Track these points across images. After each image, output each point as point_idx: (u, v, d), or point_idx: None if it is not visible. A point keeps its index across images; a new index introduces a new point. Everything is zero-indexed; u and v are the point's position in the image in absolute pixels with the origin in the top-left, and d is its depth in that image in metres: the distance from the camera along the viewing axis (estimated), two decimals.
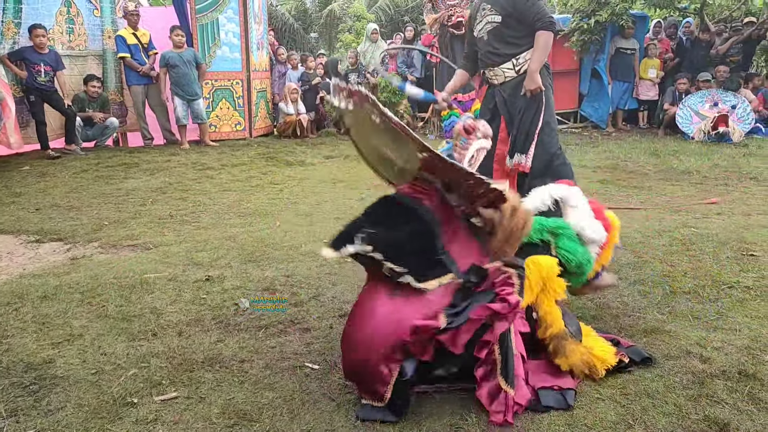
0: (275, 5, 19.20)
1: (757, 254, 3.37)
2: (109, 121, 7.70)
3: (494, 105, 3.84)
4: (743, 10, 10.51)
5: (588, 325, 2.37)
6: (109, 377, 2.17)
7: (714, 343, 2.34)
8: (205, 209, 4.77)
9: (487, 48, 3.75)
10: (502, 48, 3.66)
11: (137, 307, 2.79)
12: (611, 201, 4.85)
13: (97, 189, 5.51)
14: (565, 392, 1.94)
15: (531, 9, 3.52)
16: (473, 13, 3.94)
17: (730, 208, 4.54)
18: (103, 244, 3.88)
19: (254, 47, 8.80)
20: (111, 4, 8.01)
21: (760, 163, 6.28)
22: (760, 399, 1.94)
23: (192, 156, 7.19)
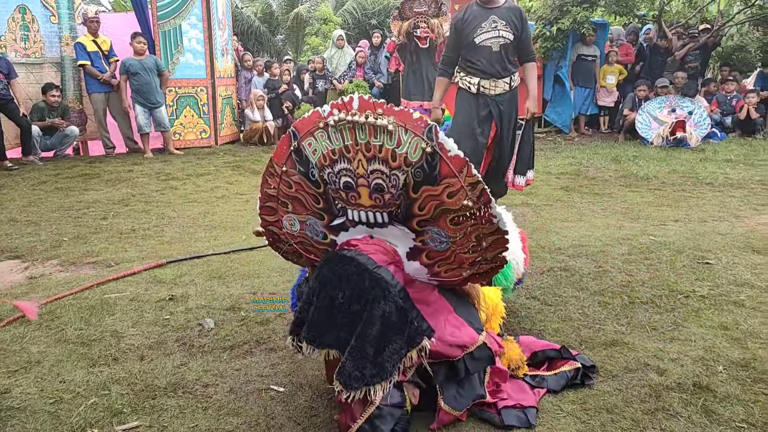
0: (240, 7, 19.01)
1: (712, 262, 3.48)
2: (69, 129, 7.51)
3: (488, 113, 4.06)
4: (699, 17, 10.84)
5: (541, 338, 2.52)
6: (68, 407, 2.12)
7: (670, 354, 2.41)
8: (169, 222, 4.70)
9: (495, 59, 4.05)
10: (507, 64, 4.09)
11: (97, 330, 2.73)
12: (574, 209, 4.95)
13: (56, 202, 5.38)
14: (527, 410, 1.97)
15: (529, 40, 4.20)
16: (468, 19, 4.03)
17: (686, 214, 4.68)
18: (62, 261, 3.79)
19: (219, 53, 8.70)
20: (69, 11, 7.81)
21: (716, 169, 6.49)
22: (713, 411, 2.01)
23: (155, 165, 7.07)
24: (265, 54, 19.32)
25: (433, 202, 1.79)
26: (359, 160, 1.80)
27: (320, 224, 2.03)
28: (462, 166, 1.72)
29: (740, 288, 3.08)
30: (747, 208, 4.83)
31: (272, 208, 2.09)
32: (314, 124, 1.82)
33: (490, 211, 1.76)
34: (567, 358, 2.24)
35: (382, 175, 1.79)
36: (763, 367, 2.27)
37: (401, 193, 1.81)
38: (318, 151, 1.85)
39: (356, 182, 1.84)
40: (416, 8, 8.58)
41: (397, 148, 1.73)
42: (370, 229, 1.96)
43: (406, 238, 1.93)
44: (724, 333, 2.58)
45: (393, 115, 1.71)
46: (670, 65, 9.75)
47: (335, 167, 1.85)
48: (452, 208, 1.78)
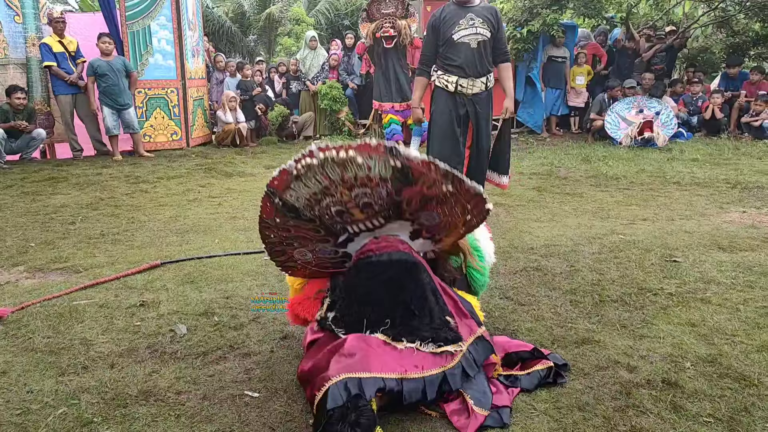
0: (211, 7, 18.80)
1: (679, 260, 3.56)
2: (36, 132, 7.35)
3: (465, 112, 4.11)
4: (665, 19, 11.09)
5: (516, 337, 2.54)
6: (36, 417, 2.07)
7: (640, 351, 2.46)
8: (140, 227, 4.62)
9: (473, 56, 4.11)
10: (485, 62, 4.16)
11: (66, 338, 2.67)
12: (546, 209, 5.02)
13: (22, 207, 5.25)
14: (501, 410, 1.99)
15: (504, 40, 4.27)
16: (446, 18, 4.09)
17: (655, 213, 4.78)
18: (29, 268, 3.70)
19: (189, 54, 8.60)
20: (34, 10, 7.64)
21: (683, 168, 6.64)
22: (681, 407, 2.06)
23: (125, 168, 6.95)
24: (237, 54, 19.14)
25: (416, 197, 2.00)
26: (341, 192, 1.97)
27: (329, 246, 2.25)
28: (428, 165, 1.89)
29: (707, 285, 3.16)
30: (713, 207, 4.95)
31: (281, 251, 2.25)
32: (287, 179, 1.94)
33: (465, 186, 1.96)
34: (540, 357, 2.26)
35: (365, 195, 1.99)
36: (729, 363, 2.33)
37: (388, 200, 2.02)
38: (301, 198, 2.00)
39: (346, 207, 2.05)
40: (383, 10, 8.60)
41: (369, 173, 1.90)
42: (372, 232, 2.21)
43: (404, 227, 2.20)
44: (692, 330, 2.64)
45: (357, 150, 1.85)
46: (637, 66, 9.96)
47: (322, 203, 2.02)
48: (434, 195, 1.99)
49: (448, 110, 4.19)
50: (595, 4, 9.46)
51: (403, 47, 8.71)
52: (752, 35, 10.49)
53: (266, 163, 7.53)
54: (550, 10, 9.06)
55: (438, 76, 4.21)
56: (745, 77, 9.60)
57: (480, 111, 4.21)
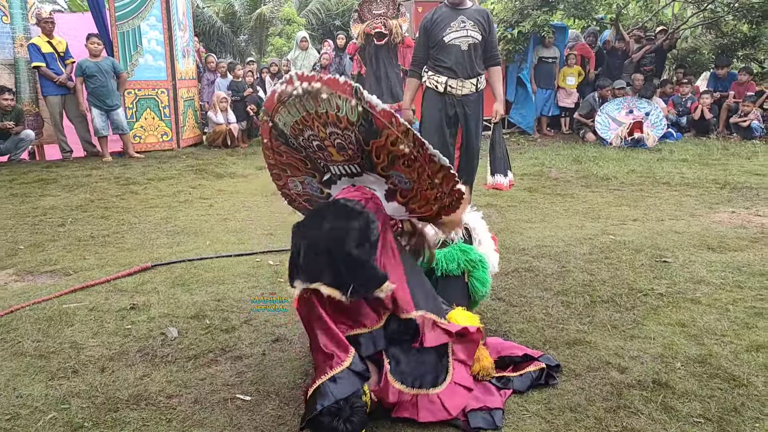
0: (202, 7, 18.71)
1: (669, 260, 3.59)
2: (24, 133, 7.28)
3: (455, 113, 4.13)
4: (655, 20, 11.17)
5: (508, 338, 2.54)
6: (26, 422, 2.05)
7: (631, 352, 2.47)
8: (130, 228, 4.59)
9: (463, 58, 4.14)
10: (475, 65, 4.18)
11: (56, 341, 2.65)
12: (538, 210, 5.04)
13: (11, 209, 5.20)
14: (493, 412, 1.99)
15: (495, 43, 4.31)
16: (437, 20, 4.11)
17: (645, 214, 4.81)
18: (18, 270, 3.67)
19: (180, 55, 8.56)
20: (22, 11, 7.57)
21: (672, 168, 6.69)
22: (672, 407, 2.07)
23: (115, 170, 6.91)
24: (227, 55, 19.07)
25: (383, 150, 2.01)
26: (317, 126, 2.03)
27: (315, 182, 2.37)
28: (390, 118, 1.90)
29: (696, 285, 3.18)
30: (702, 207, 4.99)
31: (278, 174, 2.43)
32: (274, 102, 2.06)
33: (428, 153, 1.95)
34: (532, 359, 2.27)
35: (338, 135, 2.03)
36: (719, 363, 2.35)
37: (358, 146, 2.05)
38: (287, 124, 2.11)
39: (323, 143, 2.10)
40: (375, 10, 8.61)
41: (338, 112, 1.94)
42: (351, 179, 2.25)
43: (380, 182, 2.19)
44: (682, 330, 2.66)
45: (324, 84, 1.90)
46: (626, 67, 10.02)
47: (304, 134, 2.11)
48: (399, 154, 1.99)
49: (438, 110, 4.21)
50: (585, 5, 9.50)
51: (394, 47, 8.71)
52: (740, 36, 10.59)
53: (258, 164, 7.50)
54: (541, 11, 9.10)
55: (429, 76, 4.23)
56: (734, 78, 9.68)
57: (469, 112, 4.23)
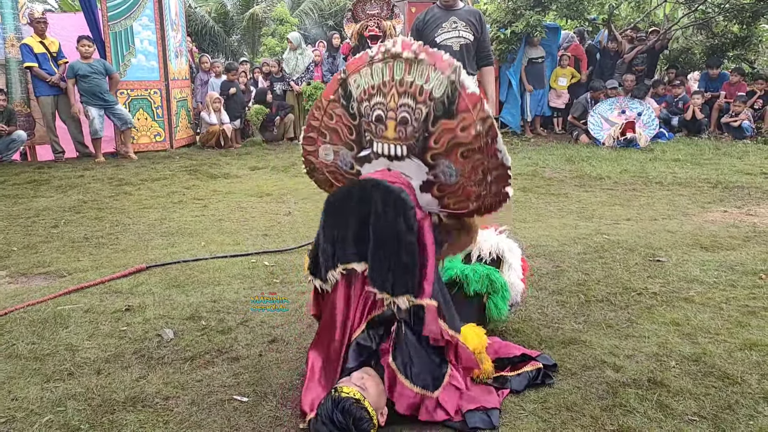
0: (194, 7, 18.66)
1: (663, 259, 3.61)
2: (16, 134, 7.25)
3: None
4: (647, 21, 11.23)
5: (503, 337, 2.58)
6: (22, 426, 2.04)
7: (626, 351, 2.49)
8: (124, 230, 4.58)
9: (457, 59, 3.98)
10: (467, 66, 4.11)
11: (51, 343, 2.64)
12: (532, 210, 5.06)
13: (3, 210, 5.18)
14: (490, 412, 2.00)
15: (488, 43, 4.31)
16: (429, 20, 4.12)
17: (638, 213, 4.84)
18: (11, 272, 3.65)
19: (172, 55, 8.54)
20: (13, 10, 7.53)
21: (665, 168, 6.73)
22: (667, 406, 2.09)
23: (108, 170, 6.88)
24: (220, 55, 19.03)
25: (447, 135, 1.98)
26: (392, 94, 2.04)
27: (350, 155, 2.31)
28: (477, 102, 1.90)
29: (690, 284, 3.21)
30: (695, 206, 5.03)
31: (313, 138, 2.39)
32: (363, 62, 2.10)
33: (495, 146, 1.92)
34: (529, 359, 2.29)
35: (409, 108, 2.02)
36: (713, 361, 2.37)
37: (422, 126, 2.02)
38: (360, 86, 2.13)
39: (386, 115, 2.08)
40: (369, 10, 8.64)
41: (425, 84, 1.96)
42: (389, 162, 2.19)
43: (420, 171, 2.12)
44: (676, 329, 2.68)
45: (426, 55, 1.95)
46: (619, 67, 10.07)
47: (372, 101, 2.11)
48: (464, 141, 1.95)
49: None
50: (577, 5, 9.55)
51: None
52: (731, 37, 10.67)
53: (252, 165, 7.49)
54: (534, 11, 9.13)
55: None
56: (725, 78, 9.75)
57: None
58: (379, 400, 1.95)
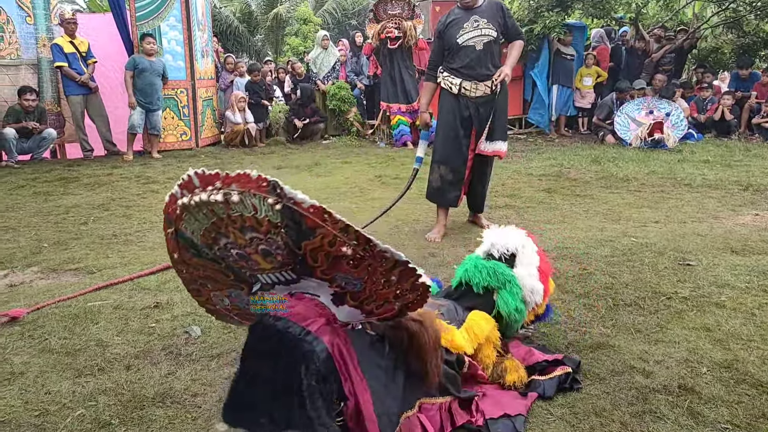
0: (219, 7, 18.85)
1: (693, 263, 3.54)
2: (47, 132, 7.40)
3: (468, 116, 4.08)
4: (676, 20, 11.04)
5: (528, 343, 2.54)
6: (55, 419, 2.09)
7: (655, 356, 2.45)
8: (151, 227, 4.64)
9: (478, 59, 4.07)
10: (490, 65, 4.09)
11: (82, 339, 2.69)
12: (557, 211, 5.01)
13: (34, 206, 5.29)
14: (515, 419, 1.98)
15: (514, 24, 4.24)
16: (450, 23, 4.09)
17: (666, 216, 4.76)
18: (43, 268, 3.73)
19: (199, 55, 8.63)
20: (45, 11, 7.69)
21: (694, 170, 6.61)
22: (699, 413, 2.05)
23: (135, 169, 6.98)
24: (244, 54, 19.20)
25: (320, 253, 1.59)
26: (233, 232, 1.60)
27: (243, 294, 1.90)
28: (322, 214, 1.50)
29: (721, 289, 3.14)
30: (725, 209, 4.92)
31: (197, 290, 1.98)
32: (175, 209, 1.63)
33: (377, 250, 1.56)
34: (558, 363, 2.27)
35: (260, 241, 1.61)
36: (746, 368, 2.32)
37: (288, 251, 1.62)
38: (196, 233, 1.67)
39: (245, 252, 1.66)
40: (390, 11, 8.63)
41: (256, 214, 1.52)
42: (287, 287, 1.81)
43: (323, 287, 1.76)
44: (707, 334, 2.63)
45: (233, 183, 1.51)
46: (646, 67, 9.92)
47: (219, 243, 1.67)
48: (341, 254, 1.58)
49: (452, 112, 4.18)
50: (603, 4, 9.42)
51: (408, 48, 8.72)
52: (763, 36, 10.43)
53: (275, 164, 7.55)
54: (554, 13, 9.03)
55: (444, 77, 4.21)
56: (756, 78, 9.54)
57: (483, 114, 4.16)
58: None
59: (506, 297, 2.39)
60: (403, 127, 8.95)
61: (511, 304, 2.38)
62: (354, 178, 6.58)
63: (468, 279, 2.44)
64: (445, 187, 4.26)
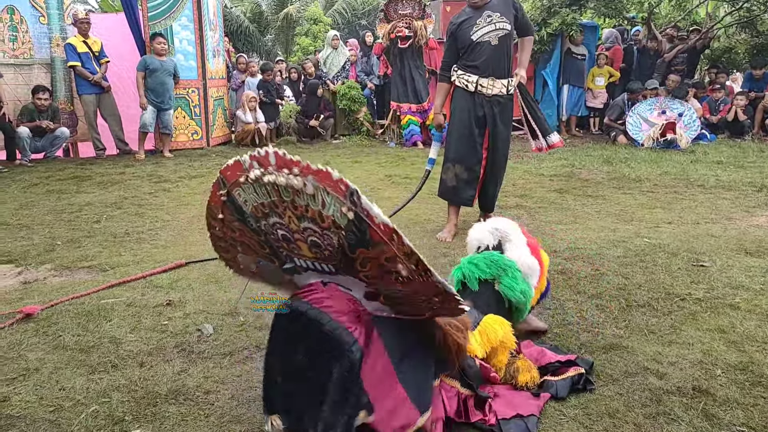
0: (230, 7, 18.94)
1: (706, 264, 3.51)
2: (60, 130, 7.46)
3: (483, 114, 4.10)
4: (689, 20, 10.96)
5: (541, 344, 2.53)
6: (69, 415, 2.10)
7: (669, 358, 2.43)
8: (164, 226, 4.67)
9: (494, 54, 4.08)
10: (506, 60, 4.12)
11: (95, 336, 2.71)
12: (568, 211, 4.98)
13: (48, 205, 5.33)
14: (527, 419, 1.97)
15: (526, 17, 4.25)
16: (463, 22, 4.10)
17: (679, 217, 4.73)
18: (56, 266, 3.76)
19: (210, 55, 8.67)
20: (59, 11, 7.75)
21: (707, 170, 6.56)
22: (713, 415, 2.03)
23: (147, 167, 7.03)
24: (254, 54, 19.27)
25: (373, 263, 1.61)
26: (289, 216, 1.63)
27: (273, 267, 1.92)
28: (391, 234, 1.51)
29: (735, 291, 3.11)
30: (739, 210, 4.88)
31: (225, 248, 2.00)
32: (236, 175, 1.66)
33: (432, 280, 1.58)
34: (571, 363, 2.25)
35: (314, 233, 1.64)
36: (761, 371, 2.30)
37: (339, 250, 1.64)
38: (248, 203, 1.70)
39: (293, 236, 1.70)
40: (401, 10, 8.63)
41: (323, 209, 1.55)
42: (321, 275, 1.82)
43: (358, 285, 1.77)
44: (722, 336, 2.61)
45: (311, 175, 1.53)
46: (658, 67, 9.85)
47: (269, 220, 1.70)
48: (394, 271, 1.60)
49: (467, 110, 4.17)
50: (615, 3, 9.37)
51: (418, 48, 8.72)
52: None
53: None
54: (570, 9, 8.98)
55: (458, 75, 4.20)
56: None
57: (498, 114, 4.16)
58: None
59: (508, 283, 2.35)
60: (413, 126, 8.95)
61: (516, 288, 2.35)
62: (364, 178, 6.58)
63: (467, 276, 2.41)
64: (460, 186, 4.26)
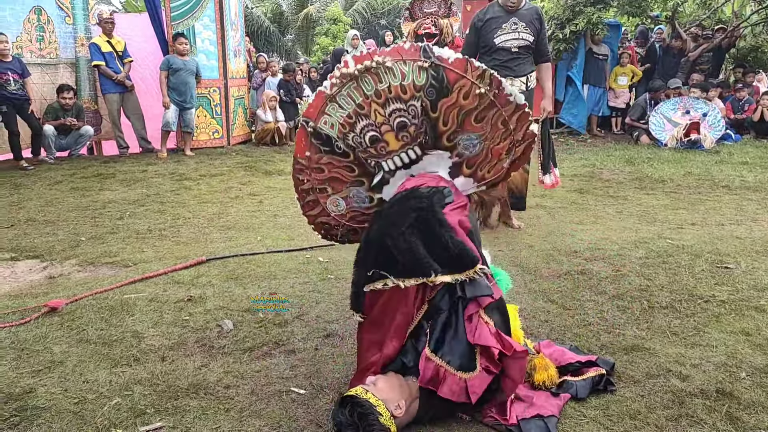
0: (251, 7, 19.09)
1: (731, 266, 3.45)
2: (84, 129, 7.58)
3: None
4: (714, 18, 10.77)
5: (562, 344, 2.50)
6: (92, 407, 2.14)
7: (692, 360, 2.39)
8: (185, 223, 4.72)
9: (512, 60, 4.15)
10: (524, 64, 4.18)
11: (118, 330, 2.75)
12: (589, 212, 4.93)
13: (72, 202, 5.42)
14: (547, 419, 1.96)
15: (545, 40, 4.30)
16: (489, 20, 4.11)
17: (703, 218, 4.65)
18: (80, 261, 3.82)
19: (231, 54, 8.74)
20: (84, 12, 7.88)
21: (732, 171, 6.44)
22: (738, 418, 2.00)
23: (169, 166, 7.11)
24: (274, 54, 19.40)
25: (453, 111, 1.95)
26: (375, 110, 1.95)
27: (363, 190, 2.18)
28: (465, 65, 1.86)
29: (761, 293, 3.06)
30: (764, 212, 4.79)
31: (313, 201, 2.24)
32: (323, 101, 1.98)
33: (504, 93, 1.92)
34: (591, 364, 2.23)
35: (400, 111, 1.94)
36: None
37: (423, 119, 1.96)
38: (335, 124, 2.01)
39: (380, 132, 2.00)
40: (426, 9, 8.60)
41: (403, 81, 1.88)
42: (408, 170, 2.10)
43: (443, 160, 2.08)
44: (746, 339, 2.56)
45: (386, 55, 1.87)
46: (683, 66, 9.70)
47: (356, 128, 2.01)
48: (471, 107, 1.93)
49: None
50: (639, 2, 9.24)
51: (444, 46, 8.68)
52: None
53: None
54: (595, 8, 8.88)
55: None
56: None
57: None
58: (391, 393, 1.87)
59: None
60: None
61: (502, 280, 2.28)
62: None
63: None
64: None
